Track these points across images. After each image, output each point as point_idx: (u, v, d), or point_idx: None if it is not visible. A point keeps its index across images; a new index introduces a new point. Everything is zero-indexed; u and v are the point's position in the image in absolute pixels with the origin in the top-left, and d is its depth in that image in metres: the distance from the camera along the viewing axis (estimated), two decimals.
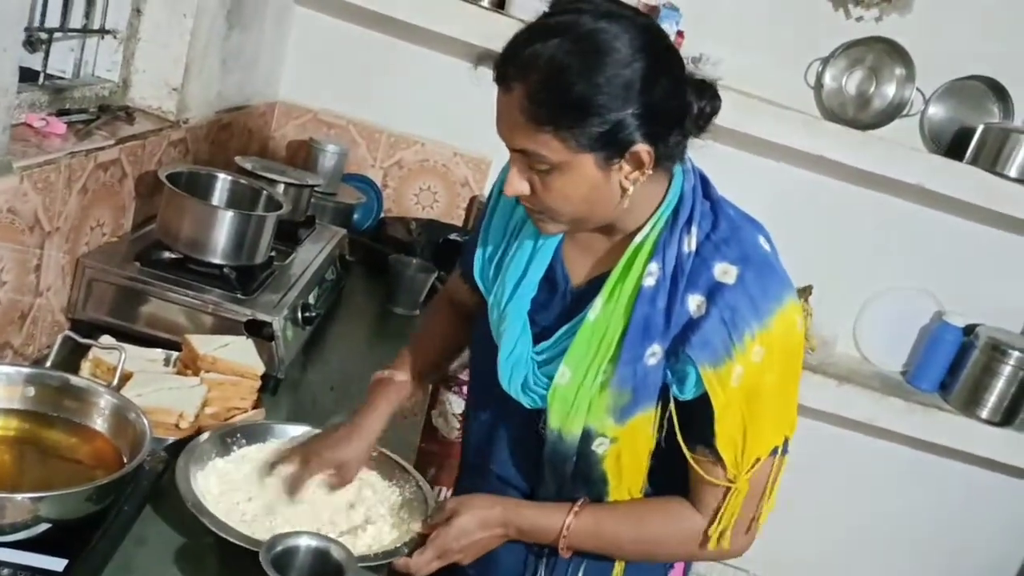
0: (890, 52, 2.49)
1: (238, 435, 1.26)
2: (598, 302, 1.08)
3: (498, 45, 1.05)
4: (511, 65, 0.99)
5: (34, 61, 1.55)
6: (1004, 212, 2.41)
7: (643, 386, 1.06)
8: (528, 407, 1.13)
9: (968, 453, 2.63)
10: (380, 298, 2.14)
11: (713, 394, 1.03)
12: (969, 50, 2.51)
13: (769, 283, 1.04)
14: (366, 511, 1.21)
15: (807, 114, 2.44)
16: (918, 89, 2.51)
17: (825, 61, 2.51)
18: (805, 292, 2.62)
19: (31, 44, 1.54)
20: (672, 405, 1.06)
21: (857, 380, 2.58)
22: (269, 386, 1.49)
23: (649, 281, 1.05)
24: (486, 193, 2.56)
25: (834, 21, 2.50)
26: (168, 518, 1.07)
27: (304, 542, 1.03)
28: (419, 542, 1.14)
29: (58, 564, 0.94)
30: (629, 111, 0.97)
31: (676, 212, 1.07)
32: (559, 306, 1.15)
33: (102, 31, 1.70)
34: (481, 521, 1.13)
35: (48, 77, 1.57)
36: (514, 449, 1.22)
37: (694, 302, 1.04)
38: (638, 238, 1.07)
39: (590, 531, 1.13)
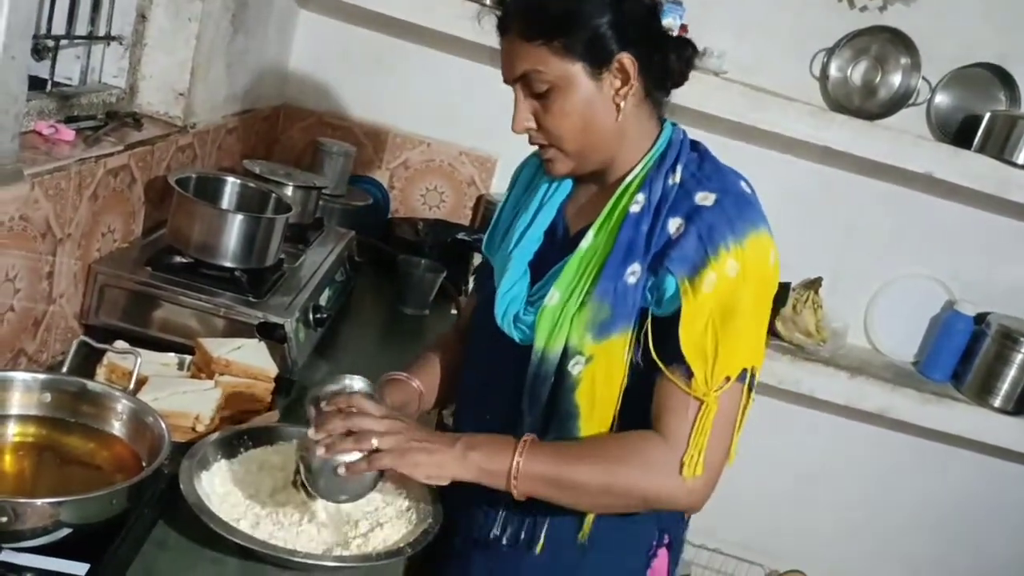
0: (895, 41, 2.48)
1: (244, 437, 1.25)
2: (590, 233, 1.17)
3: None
4: (507, 12, 1.15)
5: (41, 69, 1.55)
6: (1013, 199, 2.39)
7: (623, 303, 1.11)
8: (518, 340, 1.19)
9: (982, 442, 2.61)
10: (389, 298, 2.14)
11: (685, 299, 1.07)
12: (974, 38, 2.50)
13: (745, 210, 1.12)
14: (375, 515, 1.20)
15: (813, 105, 2.43)
16: (924, 78, 2.50)
17: (830, 51, 2.51)
18: (815, 284, 2.62)
19: (38, 52, 1.54)
20: (649, 321, 1.11)
21: (869, 371, 2.57)
22: (282, 388, 1.49)
23: (635, 208, 1.14)
24: (493, 191, 2.59)
25: (838, 11, 2.49)
26: (189, 521, 1.07)
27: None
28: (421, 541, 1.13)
29: (80, 569, 0.94)
30: (606, 19, 1.10)
31: (664, 155, 1.17)
32: (558, 255, 1.20)
33: (108, 38, 1.71)
34: (426, 426, 1.14)
35: (55, 84, 1.57)
36: (507, 390, 1.21)
37: (674, 224, 1.11)
38: (628, 178, 1.17)
39: (543, 459, 1.09)
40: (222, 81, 1.98)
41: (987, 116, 2.43)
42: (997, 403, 2.54)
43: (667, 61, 1.16)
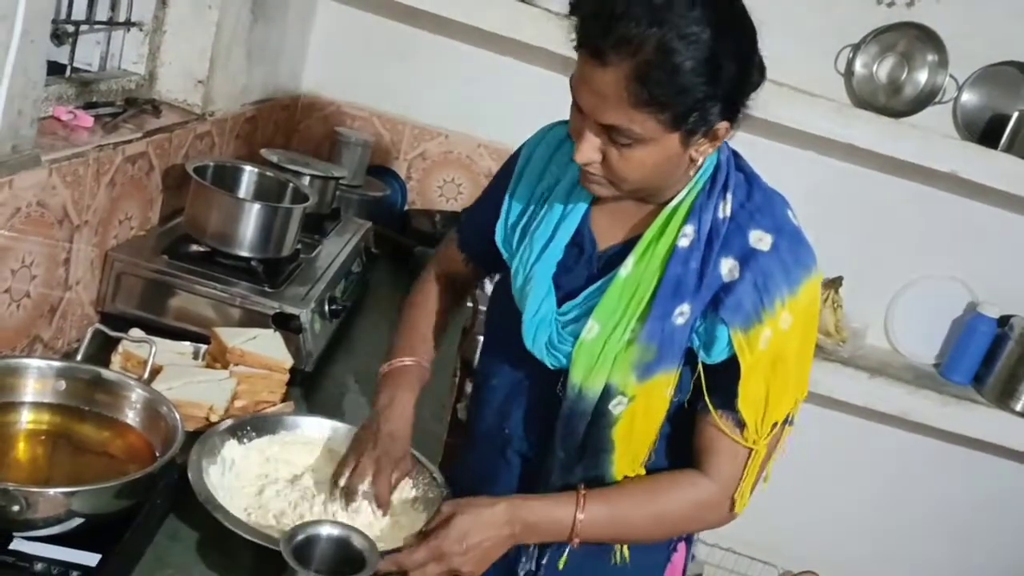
0: (922, 38, 2.44)
1: (248, 428, 1.24)
2: (630, 260, 1.10)
3: (523, 35, 1.04)
4: (613, 38, 0.96)
5: (61, 55, 1.55)
6: None
7: (669, 344, 1.07)
8: (551, 367, 1.14)
9: (1002, 447, 2.58)
10: (406, 290, 2.10)
11: (742, 356, 1.05)
12: (1003, 35, 2.46)
13: (800, 253, 1.08)
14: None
15: (838, 102, 2.39)
16: (951, 75, 2.46)
17: (856, 48, 2.47)
18: (835, 283, 2.58)
19: (57, 37, 1.53)
20: (700, 367, 1.08)
21: (889, 373, 2.54)
22: (297, 379, 1.48)
23: (684, 242, 1.08)
24: None
25: (865, 6, 2.45)
26: (201, 512, 1.06)
27: (325, 531, 1.01)
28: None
29: (92, 559, 0.93)
30: (723, 93, 0.99)
31: (712, 179, 1.10)
32: (585, 270, 1.15)
33: (128, 24, 1.70)
34: (484, 520, 1.06)
35: (75, 70, 1.56)
36: (531, 415, 1.20)
37: (727, 265, 1.06)
38: (674, 202, 1.10)
39: (602, 520, 1.11)
40: (241, 69, 1.97)
41: (1015, 115, 2.39)
42: (1019, 407, 2.51)
43: (747, 106, 1.06)
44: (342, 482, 1.16)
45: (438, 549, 1.04)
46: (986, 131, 2.49)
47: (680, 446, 1.14)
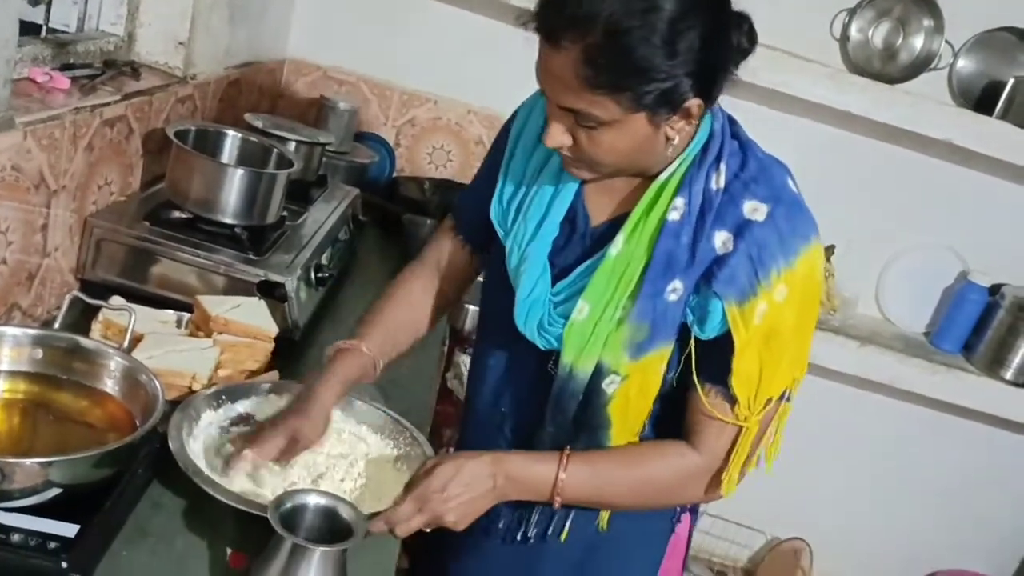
0: (918, 3, 2.40)
1: (223, 396, 1.21)
2: (620, 238, 1.06)
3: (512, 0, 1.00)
4: (562, 21, 0.93)
5: (36, 15, 1.50)
6: None
7: (662, 322, 1.04)
8: (542, 348, 1.11)
9: (992, 415, 2.58)
10: (394, 258, 2.09)
11: (736, 331, 1.02)
12: (999, 1, 2.42)
13: (797, 222, 1.03)
14: (362, 465, 1.18)
15: (832, 67, 2.36)
16: (947, 41, 2.42)
17: (851, 12, 2.43)
18: (827, 251, 2.56)
19: None
20: (692, 343, 1.05)
21: (879, 341, 2.53)
22: (283, 348, 1.46)
23: (674, 216, 1.04)
24: None
25: None
26: (184, 481, 1.04)
27: (312, 500, 1.00)
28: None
29: (70, 530, 0.92)
30: (686, 70, 0.94)
31: (705, 150, 1.05)
32: (578, 247, 1.12)
33: None
34: (466, 469, 1.05)
35: (51, 31, 1.52)
36: (526, 394, 1.19)
37: (720, 238, 1.02)
38: (663, 175, 1.06)
39: (585, 479, 1.10)
40: (224, 31, 1.93)
41: (1010, 82, 2.36)
42: (1008, 375, 2.50)
43: (732, 73, 1.01)
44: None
45: (421, 498, 1.03)
46: (981, 98, 2.46)
47: (670, 420, 1.12)
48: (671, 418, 1.12)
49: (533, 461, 1.11)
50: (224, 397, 1.22)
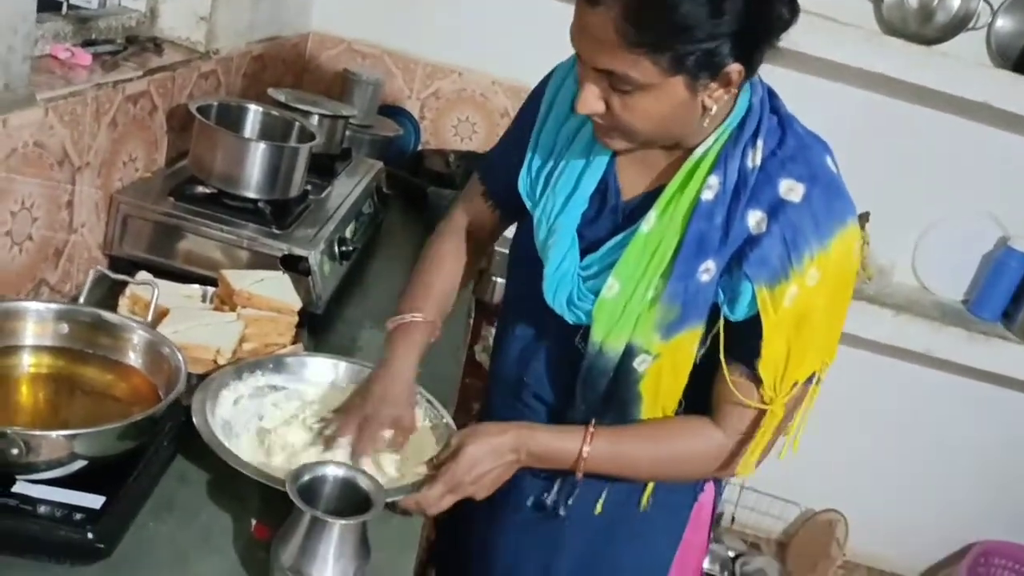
0: None
1: (252, 368, 1.22)
2: (652, 215, 1.03)
3: None
4: None
5: None
6: None
7: (693, 303, 1.02)
8: (571, 322, 1.10)
9: None
10: (419, 232, 2.08)
11: (765, 314, 0.99)
12: None
13: (834, 204, 1.00)
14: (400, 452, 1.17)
15: (866, 29, 2.29)
16: (985, 0, 2.34)
17: None
18: (862, 219, 2.51)
19: None
20: (721, 323, 1.03)
21: (915, 310, 2.48)
22: (307, 322, 1.46)
23: (708, 195, 1.00)
24: None
25: None
26: (208, 455, 1.05)
27: (331, 472, 1.00)
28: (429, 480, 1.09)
29: (96, 502, 0.92)
30: (729, 31, 0.91)
31: (742, 126, 1.01)
32: (609, 220, 1.10)
33: None
34: (492, 449, 1.07)
35: (72, 7, 1.52)
36: (551, 365, 1.18)
37: (754, 218, 0.99)
38: (699, 151, 1.02)
39: (607, 455, 1.10)
40: (246, 6, 1.92)
41: None
42: None
43: (773, 44, 0.97)
44: (327, 432, 1.13)
45: (451, 481, 1.05)
46: (1021, 58, 2.38)
47: (704, 397, 1.11)
48: (705, 394, 1.10)
49: (557, 436, 1.11)
50: (249, 370, 1.22)
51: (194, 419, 1.07)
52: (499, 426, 1.11)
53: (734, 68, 0.94)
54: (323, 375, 1.27)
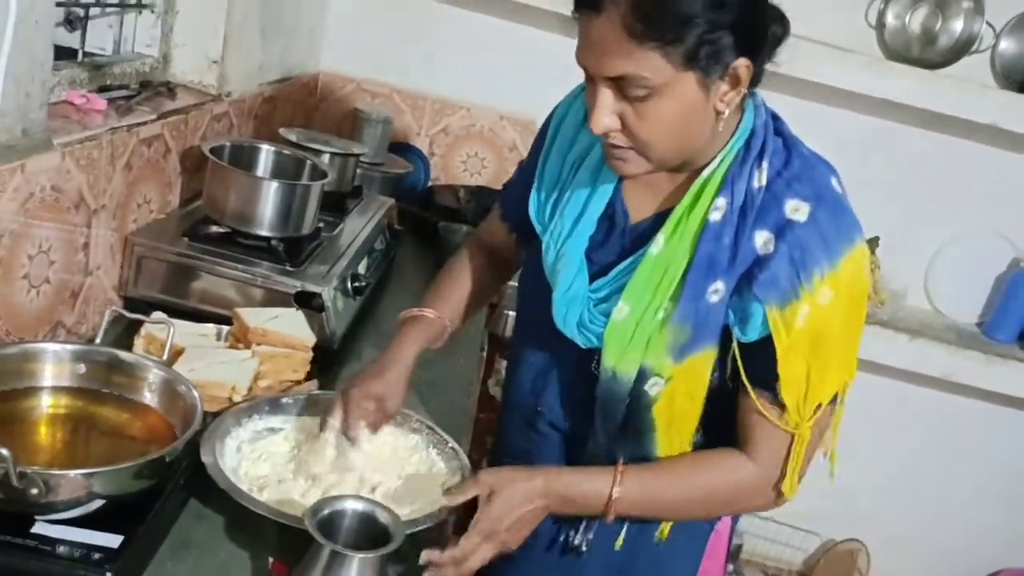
0: None
1: (253, 412, 1.22)
2: (660, 237, 1.03)
3: (538, 3, 0.98)
4: None
5: (73, 40, 1.54)
6: None
7: (704, 324, 1.02)
8: (583, 346, 1.10)
9: None
10: (431, 267, 2.10)
11: (777, 335, 0.99)
12: None
13: (841, 223, 1.00)
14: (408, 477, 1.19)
15: (870, 55, 2.31)
16: (988, 23, 2.37)
17: None
18: (871, 244, 2.51)
19: (69, 23, 1.52)
20: (735, 346, 1.02)
21: (930, 334, 2.47)
22: (322, 358, 1.46)
23: (715, 216, 1.01)
24: None
25: None
26: (225, 493, 1.05)
27: (350, 506, 0.99)
28: (446, 517, 1.09)
29: (114, 541, 0.92)
30: (729, 19, 0.92)
31: (747, 146, 1.03)
32: (617, 244, 1.10)
33: (139, 5, 1.68)
34: (524, 494, 1.05)
35: (88, 55, 1.55)
36: (564, 391, 1.18)
37: (761, 239, 1.00)
38: (706, 172, 1.03)
39: (637, 497, 1.08)
40: (256, 48, 1.95)
41: None
42: None
43: (774, 54, 1.00)
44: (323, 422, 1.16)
45: (486, 529, 1.04)
46: None
47: (723, 428, 1.09)
48: (724, 425, 1.09)
49: (586, 478, 1.09)
50: (254, 413, 1.22)
51: (203, 459, 1.07)
52: (527, 471, 1.09)
53: (741, 63, 0.95)
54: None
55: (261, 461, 1.16)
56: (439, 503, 1.10)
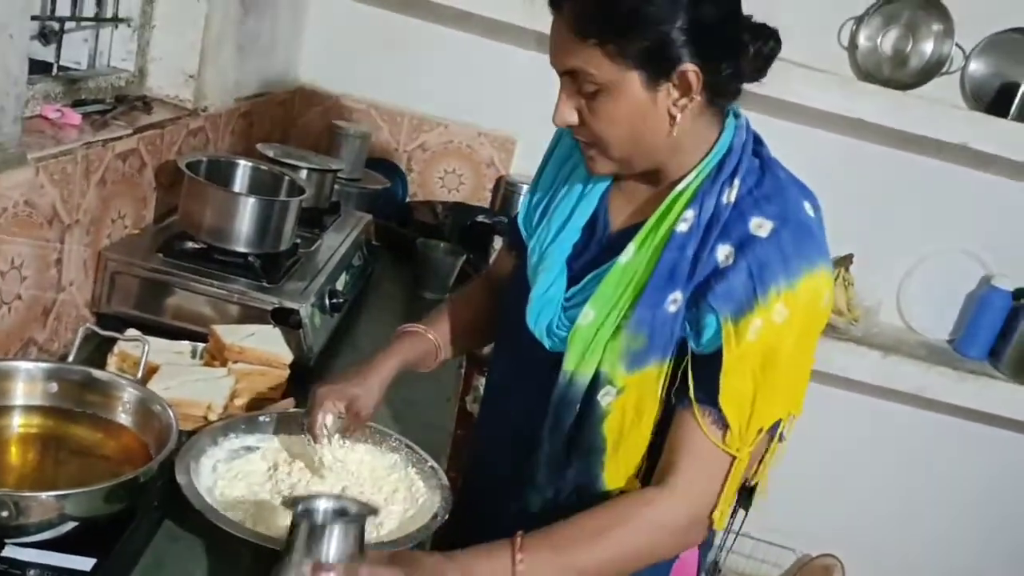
0: (927, 7, 2.39)
1: (228, 431, 1.20)
2: (631, 247, 1.05)
3: (516, 18, 1.02)
4: None
5: (48, 54, 1.52)
6: None
7: (659, 333, 1.02)
8: (548, 348, 1.11)
9: (1021, 421, 2.54)
10: (408, 283, 2.10)
11: (727, 345, 0.98)
12: (1009, 2, 2.41)
13: (804, 245, 1.00)
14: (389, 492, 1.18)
15: (842, 76, 2.35)
16: (957, 45, 2.41)
17: (859, 20, 2.42)
18: (845, 261, 2.54)
19: (44, 36, 1.51)
20: (688, 357, 1.02)
21: (903, 350, 2.50)
22: (299, 375, 1.45)
23: (682, 227, 1.02)
24: (512, 172, 2.53)
25: None
26: (199, 513, 1.03)
27: (323, 503, 0.94)
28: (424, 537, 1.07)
29: (86, 564, 0.91)
30: (676, 25, 0.95)
31: (721, 164, 1.04)
32: (595, 252, 1.12)
33: (115, 19, 1.67)
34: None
35: (63, 69, 1.54)
36: (530, 398, 1.16)
37: (723, 252, 1.00)
38: (679, 186, 1.05)
39: (548, 565, 0.97)
40: (233, 63, 1.94)
41: None
42: None
43: (739, 68, 1.01)
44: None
45: None
46: (995, 100, 2.44)
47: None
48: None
49: (482, 555, 0.98)
50: (230, 432, 1.20)
51: (178, 479, 1.05)
52: (427, 557, 0.97)
53: (689, 68, 0.97)
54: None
55: (237, 480, 1.14)
56: (417, 523, 1.09)
